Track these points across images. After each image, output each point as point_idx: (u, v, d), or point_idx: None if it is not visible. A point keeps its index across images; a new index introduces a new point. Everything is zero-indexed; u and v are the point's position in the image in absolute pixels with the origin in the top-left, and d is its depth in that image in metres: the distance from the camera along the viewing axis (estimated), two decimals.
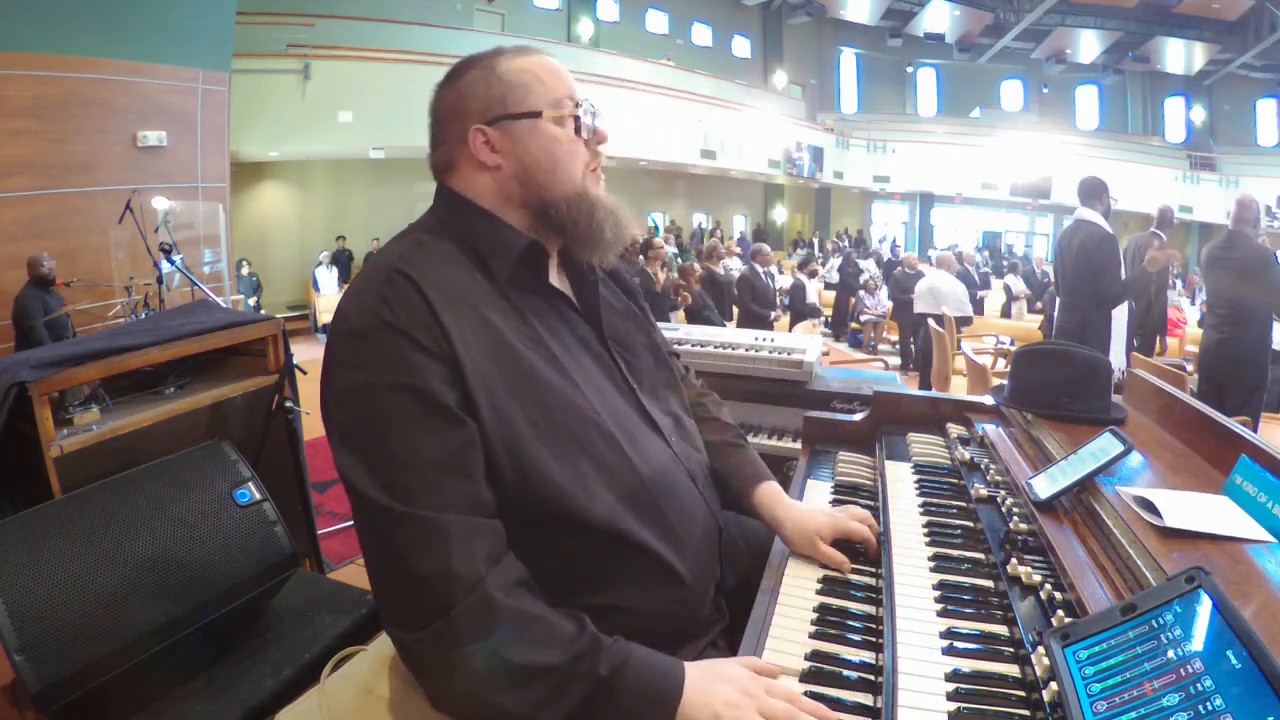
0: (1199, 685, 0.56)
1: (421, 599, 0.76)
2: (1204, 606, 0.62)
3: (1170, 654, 0.60)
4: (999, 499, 1.07)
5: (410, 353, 0.81)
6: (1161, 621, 0.64)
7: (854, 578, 1.00)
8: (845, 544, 1.05)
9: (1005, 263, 13.97)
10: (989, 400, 1.47)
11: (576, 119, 0.97)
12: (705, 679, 0.78)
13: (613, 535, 0.88)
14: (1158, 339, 6.41)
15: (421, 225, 0.97)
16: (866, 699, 0.77)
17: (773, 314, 6.18)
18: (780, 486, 1.13)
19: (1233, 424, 1.04)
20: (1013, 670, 0.76)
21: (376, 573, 0.81)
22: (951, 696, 0.72)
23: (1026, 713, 0.70)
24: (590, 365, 0.96)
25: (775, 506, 1.09)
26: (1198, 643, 0.59)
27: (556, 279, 1.01)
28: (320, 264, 10.26)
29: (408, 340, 0.81)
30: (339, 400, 0.83)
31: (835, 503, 1.21)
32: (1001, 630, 0.83)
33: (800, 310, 7.95)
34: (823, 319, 9.24)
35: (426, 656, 0.77)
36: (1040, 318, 7.65)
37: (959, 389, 4.60)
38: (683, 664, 0.79)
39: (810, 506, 1.12)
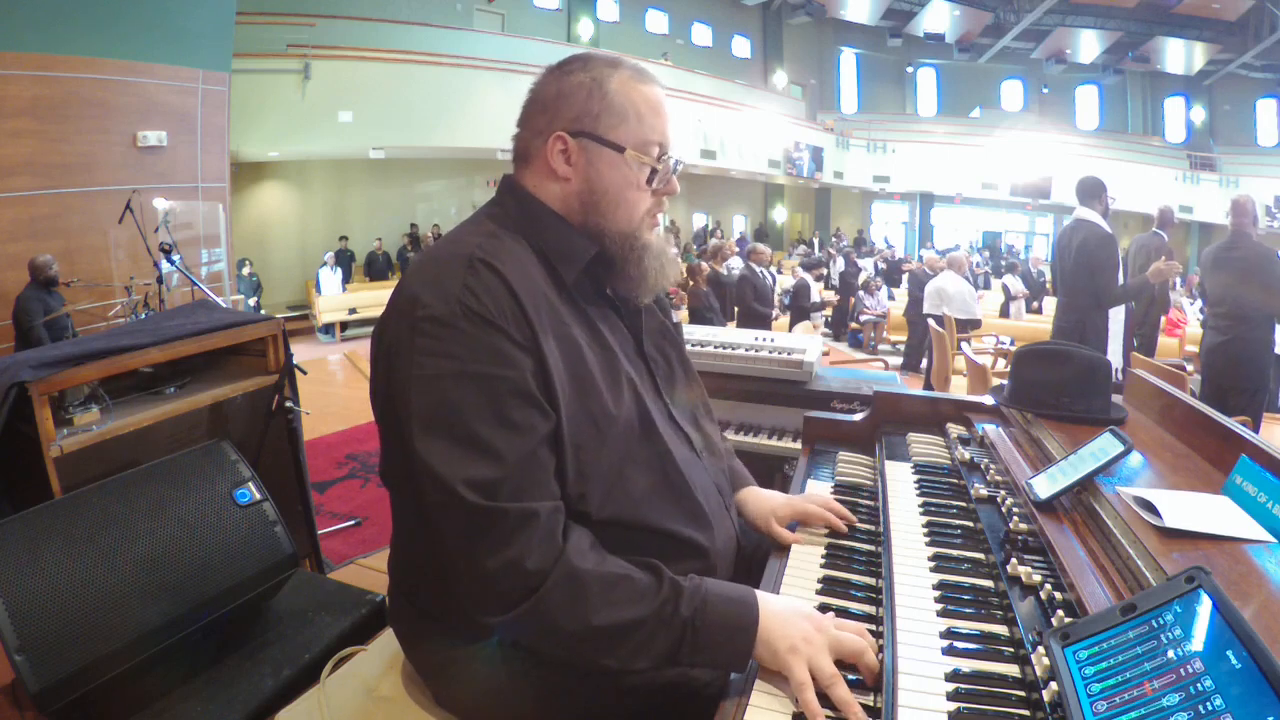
0: (1199, 685, 0.56)
1: (511, 583, 0.79)
2: (1204, 606, 0.62)
3: (1170, 654, 0.60)
4: (999, 499, 1.07)
5: (504, 344, 0.83)
6: (1161, 621, 0.64)
7: (854, 577, 1.00)
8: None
9: (1004, 262, 13.96)
10: (989, 400, 1.47)
11: (653, 171, 0.97)
12: (784, 608, 0.82)
13: (653, 530, 0.92)
14: (1159, 339, 6.40)
15: (490, 216, 0.97)
16: (867, 699, 0.77)
17: (773, 312, 6.19)
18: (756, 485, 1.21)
19: (1233, 424, 1.04)
20: (1013, 670, 0.76)
21: (459, 560, 0.82)
22: (951, 696, 0.72)
23: (1026, 713, 0.70)
24: (634, 373, 0.99)
25: (741, 492, 1.17)
26: (1198, 643, 0.59)
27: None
28: (325, 265, 10.22)
29: (499, 331, 0.83)
30: (424, 387, 0.82)
31: None
32: (1001, 630, 0.83)
33: (803, 309, 7.95)
34: (824, 317, 9.24)
35: (520, 633, 0.81)
36: (1040, 316, 7.63)
37: (959, 389, 4.60)
38: (755, 592, 0.84)
39: (772, 493, 1.17)
